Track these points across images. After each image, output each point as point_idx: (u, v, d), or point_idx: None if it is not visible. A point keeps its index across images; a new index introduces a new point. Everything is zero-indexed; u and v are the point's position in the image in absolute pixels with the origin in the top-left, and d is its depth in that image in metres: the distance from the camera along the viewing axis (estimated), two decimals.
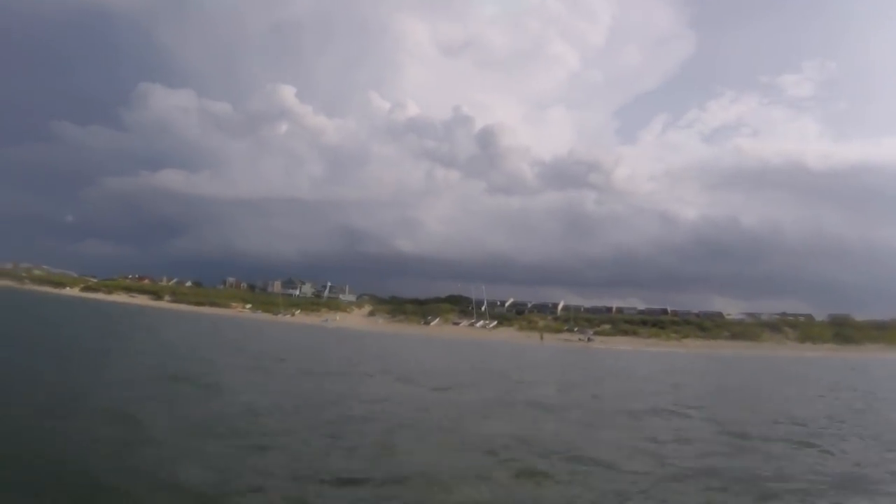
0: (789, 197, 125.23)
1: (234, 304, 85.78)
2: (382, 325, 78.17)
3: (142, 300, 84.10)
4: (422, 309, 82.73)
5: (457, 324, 77.69)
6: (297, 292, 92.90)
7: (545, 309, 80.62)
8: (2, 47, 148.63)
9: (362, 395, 12.82)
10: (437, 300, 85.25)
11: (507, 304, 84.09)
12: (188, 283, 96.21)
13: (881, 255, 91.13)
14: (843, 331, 67.93)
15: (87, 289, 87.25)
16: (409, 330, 71.78)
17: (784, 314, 74.41)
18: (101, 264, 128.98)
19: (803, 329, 70.00)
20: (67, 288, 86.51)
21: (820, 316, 73.31)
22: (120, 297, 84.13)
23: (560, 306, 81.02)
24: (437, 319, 79.64)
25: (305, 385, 14.05)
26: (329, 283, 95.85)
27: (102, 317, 39.60)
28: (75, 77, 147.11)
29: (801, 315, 74.43)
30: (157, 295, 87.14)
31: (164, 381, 12.17)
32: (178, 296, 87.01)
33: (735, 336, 68.86)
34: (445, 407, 11.98)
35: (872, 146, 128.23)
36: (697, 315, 75.35)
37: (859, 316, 71.93)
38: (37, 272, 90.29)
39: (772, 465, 8.03)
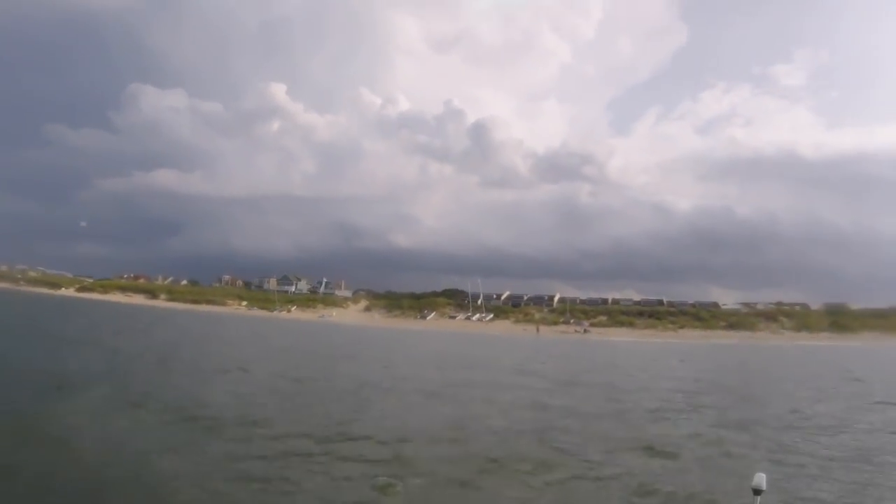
0: (784, 186, 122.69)
1: (230, 302, 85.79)
2: (379, 320, 78.12)
3: (137, 299, 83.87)
4: (418, 303, 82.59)
5: (453, 317, 77.65)
6: (293, 289, 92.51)
7: (541, 301, 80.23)
8: None
9: None
10: (433, 294, 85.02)
11: (503, 297, 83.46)
12: (184, 282, 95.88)
13: (878, 243, 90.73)
14: (839, 319, 67.70)
15: (82, 289, 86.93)
16: (405, 324, 71.73)
17: (780, 303, 74.23)
18: (99, 266, 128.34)
19: (799, 318, 69.87)
20: (63, 289, 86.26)
21: (816, 305, 73.12)
22: (115, 297, 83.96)
23: (556, 298, 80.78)
24: (434, 314, 79.65)
25: None
26: (325, 280, 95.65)
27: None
28: (66, 80, 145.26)
29: (796, 304, 74.21)
30: (152, 294, 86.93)
31: None
32: (173, 294, 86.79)
33: (731, 326, 68.76)
34: None
35: (866, 134, 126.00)
36: (693, 305, 75.08)
37: (857, 304, 71.52)
38: (32, 274, 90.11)
39: None
